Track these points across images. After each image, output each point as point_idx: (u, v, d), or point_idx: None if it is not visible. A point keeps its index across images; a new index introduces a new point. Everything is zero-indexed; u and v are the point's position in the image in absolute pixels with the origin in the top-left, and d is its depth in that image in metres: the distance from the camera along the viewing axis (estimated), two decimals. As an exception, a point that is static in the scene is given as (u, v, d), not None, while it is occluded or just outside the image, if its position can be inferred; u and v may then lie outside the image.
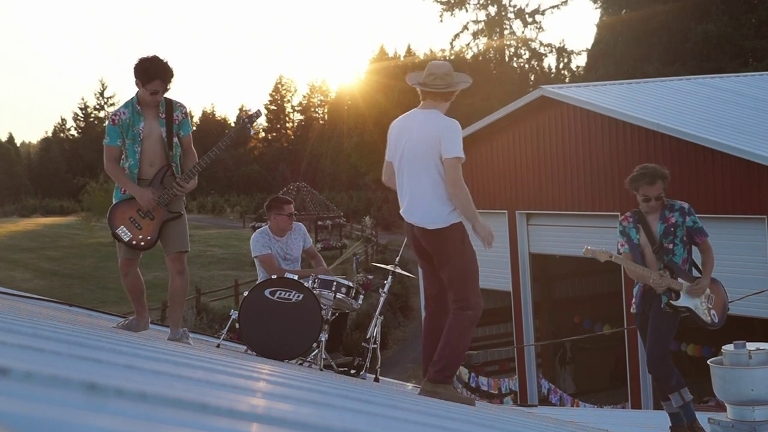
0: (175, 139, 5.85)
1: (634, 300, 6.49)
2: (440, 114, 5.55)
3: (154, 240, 5.86)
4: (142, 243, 5.85)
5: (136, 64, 5.68)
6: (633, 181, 6.27)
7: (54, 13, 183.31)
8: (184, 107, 5.89)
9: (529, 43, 55.73)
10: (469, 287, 5.52)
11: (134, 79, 5.71)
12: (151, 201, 5.75)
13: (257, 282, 7.08)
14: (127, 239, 5.84)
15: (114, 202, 5.92)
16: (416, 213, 5.52)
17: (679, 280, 6.19)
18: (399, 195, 5.71)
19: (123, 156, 5.83)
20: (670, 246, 6.18)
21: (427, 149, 5.41)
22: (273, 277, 6.86)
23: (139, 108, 5.77)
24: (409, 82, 5.70)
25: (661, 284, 6.13)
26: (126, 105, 5.83)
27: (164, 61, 5.71)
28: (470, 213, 5.40)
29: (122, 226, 5.83)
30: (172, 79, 5.73)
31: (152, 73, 5.63)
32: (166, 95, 5.81)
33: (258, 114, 6.35)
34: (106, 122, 5.85)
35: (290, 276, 6.84)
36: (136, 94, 5.78)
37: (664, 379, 6.21)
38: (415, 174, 5.48)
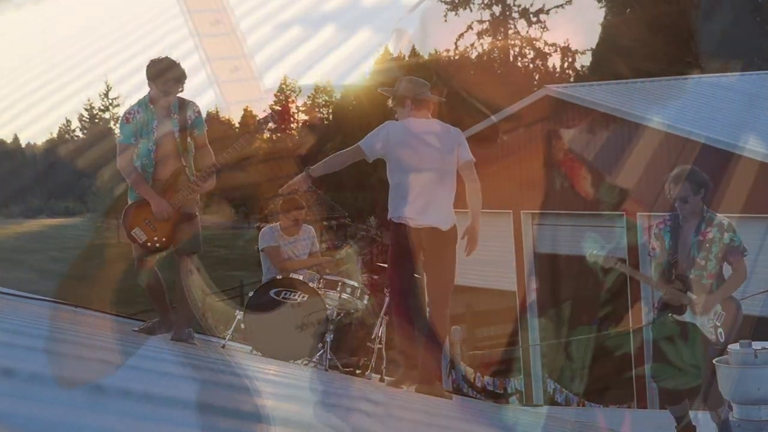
0: (189, 139, 5.82)
1: (656, 305, 6.27)
2: (443, 122, 6.03)
3: (169, 241, 5.79)
4: (157, 244, 5.79)
5: (149, 65, 5.69)
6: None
7: (55, 12, 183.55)
8: (197, 106, 5.86)
9: (534, 42, 55.63)
10: (451, 288, 6.04)
11: (146, 80, 5.72)
12: (166, 213, 5.68)
13: (262, 281, 7.08)
14: (142, 241, 5.77)
15: (129, 202, 5.86)
16: (433, 214, 5.79)
17: (689, 294, 5.86)
18: (408, 198, 5.84)
19: (136, 154, 5.79)
20: (703, 262, 5.81)
21: (448, 157, 5.91)
22: (278, 276, 6.86)
23: (151, 107, 5.75)
24: (406, 93, 5.98)
25: (672, 297, 5.84)
26: (139, 104, 5.82)
27: (177, 62, 5.72)
28: (480, 208, 5.91)
29: (137, 228, 5.77)
30: (185, 80, 5.74)
31: (165, 73, 5.64)
32: (178, 95, 5.80)
33: (272, 117, 6.47)
34: (119, 121, 5.82)
35: (296, 276, 6.84)
36: (149, 93, 5.78)
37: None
38: (438, 179, 5.85)
